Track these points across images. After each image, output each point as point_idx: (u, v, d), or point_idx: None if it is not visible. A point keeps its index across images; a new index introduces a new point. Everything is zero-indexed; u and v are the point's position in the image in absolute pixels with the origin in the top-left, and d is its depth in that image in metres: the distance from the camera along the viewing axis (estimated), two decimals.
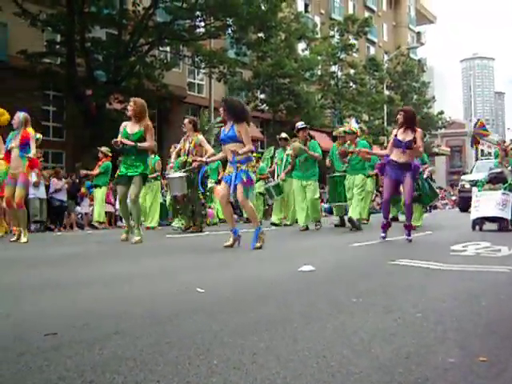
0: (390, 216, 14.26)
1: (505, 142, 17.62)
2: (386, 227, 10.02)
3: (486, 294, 4.56)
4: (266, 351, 2.85)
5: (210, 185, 15.86)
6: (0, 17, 26.06)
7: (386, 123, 49.68)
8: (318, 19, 48.26)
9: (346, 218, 13.94)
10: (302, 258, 7.28)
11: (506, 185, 12.95)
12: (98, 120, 24.88)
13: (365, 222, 14.72)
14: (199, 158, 11.00)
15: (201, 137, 13.01)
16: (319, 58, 40.68)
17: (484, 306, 4.10)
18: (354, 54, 45.62)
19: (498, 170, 13.69)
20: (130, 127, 10.01)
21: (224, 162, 10.90)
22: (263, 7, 27.57)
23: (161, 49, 29.98)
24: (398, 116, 10.08)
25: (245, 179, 8.58)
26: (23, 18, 24.06)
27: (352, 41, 44.32)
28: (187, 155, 12.82)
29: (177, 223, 13.87)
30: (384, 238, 9.90)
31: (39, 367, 2.63)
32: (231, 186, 8.65)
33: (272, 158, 18.03)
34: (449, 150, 77.72)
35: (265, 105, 38.09)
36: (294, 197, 14.45)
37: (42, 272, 6.23)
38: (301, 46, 40.24)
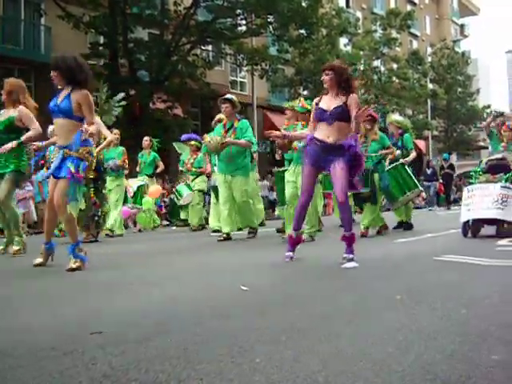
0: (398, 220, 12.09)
1: None
2: (294, 243, 6.73)
3: None
4: (309, 349, 2.85)
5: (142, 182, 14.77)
6: (45, 20, 26.56)
7: (429, 117, 49.18)
8: (359, 14, 47.99)
9: None
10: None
11: (509, 175, 9.53)
12: (142, 120, 25.09)
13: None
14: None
15: (97, 119, 9.83)
16: (361, 53, 40.44)
17: None
18: (397, 48, 45.19)
19: (499, 155, 10.38)
20: (3, 115, 8.28)
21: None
22: (304, 4, 27.51)
23: (203, 48, 30.09)
24: (325, 77, 6.60)
25: (73, 170, 6.21)
26: (66, 21, 24.40)
27: (395, 35, 43.92)
28: None
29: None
30: (291, 257, 6.63)
31: (85, 365, 2.67)
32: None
33: None
34: None
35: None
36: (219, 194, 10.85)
37: (86, 273, 6.30)
38: (343, 41, 40.05)
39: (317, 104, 6.69)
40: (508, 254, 6.93)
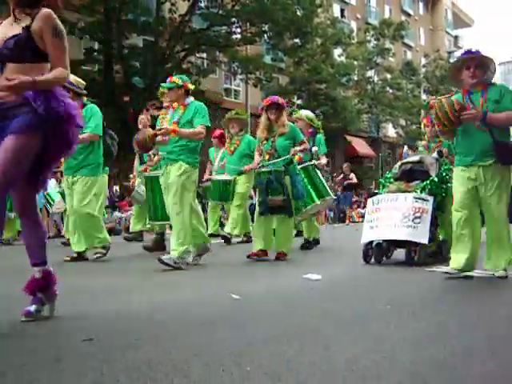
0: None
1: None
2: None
3: None
4: (298, 357, 2.87)
5: None
6: None
7: (423, 128, 49.29)
8: (354, 24, 48.06)
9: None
10: (335, 263, 7.29)
11: (425, 183, 7.23)
12: (136, 126, 24.97)
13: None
14: None
15: None
16: (355, 62, 40.53)
17: None
18: (391, 59, 45.28)
19: (415, 157, 8.01)
20: None
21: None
22: (299, 13, 27.58)
23: (197, 55, 30.07)
24: None
25: None
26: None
27: (388, 45, 44.02)
28: None
29: None
30: None
31: (76, 372, 2.68)
32: None
33: None
34: None
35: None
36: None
37: (76, 278, 6.29)
38: (337, 51, 40.10)
39: None
40: None
